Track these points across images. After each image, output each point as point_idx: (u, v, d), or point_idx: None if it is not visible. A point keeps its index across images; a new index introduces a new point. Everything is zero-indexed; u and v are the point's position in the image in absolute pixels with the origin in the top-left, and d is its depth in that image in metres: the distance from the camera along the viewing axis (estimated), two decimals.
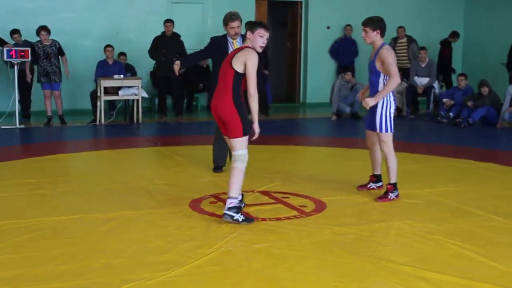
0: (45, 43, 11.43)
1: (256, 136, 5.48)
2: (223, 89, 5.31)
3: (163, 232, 5.14)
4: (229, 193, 5.34)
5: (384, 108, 6.13)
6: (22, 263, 4.39)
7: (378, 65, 6.12)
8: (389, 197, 6.19)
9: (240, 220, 5.30)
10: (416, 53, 13.15)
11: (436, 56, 14.00)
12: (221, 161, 7.34)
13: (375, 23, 6.13)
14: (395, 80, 5.99)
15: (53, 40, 11.52)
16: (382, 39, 6.17)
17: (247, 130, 5.33)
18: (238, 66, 5.22)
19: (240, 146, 5.32)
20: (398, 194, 6.23)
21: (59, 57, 11.55)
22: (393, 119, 6.21)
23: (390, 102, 6.14)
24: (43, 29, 11.38)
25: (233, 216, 5.30)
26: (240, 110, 5.28)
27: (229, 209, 5.31)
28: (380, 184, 6.57)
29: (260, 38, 5.31)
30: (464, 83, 12.27)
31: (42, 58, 11.39)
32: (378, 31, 6.12)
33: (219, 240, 4.90)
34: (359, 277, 4.19)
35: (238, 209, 5.35)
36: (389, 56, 6.04)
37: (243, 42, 6.76)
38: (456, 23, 14.49)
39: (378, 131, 6.18)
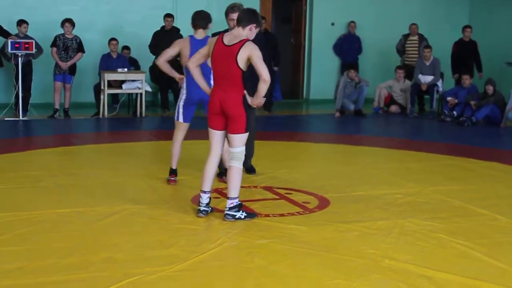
0: (67, 36, 11.48)
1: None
2: (231, 85, 5.21)
3: (166, 227, 5.13)
4: (228, 194, 5.32)
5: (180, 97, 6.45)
6: (23, 256, 4.38)
7: None
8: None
9: (243, 217, 5.28)
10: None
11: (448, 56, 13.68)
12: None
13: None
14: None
15: (76, 35, 11.55)
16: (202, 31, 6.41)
17: (248, 126, 5.33)
18: (243, 64, 5.16)
19: (239, 143, 5.29)
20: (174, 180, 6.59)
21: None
22: (183, 110, 6.42)
23: (182, 94, 6.38)
24: (67, 21, 11.46)
25: (234, 215, 5.28)
26: (246, 107, 5.26)
27: (230, 209, 5.30)
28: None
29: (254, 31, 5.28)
30: (469, 82, 12.24)
31: (61, 50, 11.42)
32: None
33: (222, 235, 4.89)
34: (362, 275, 4.17)
35: (238, 207, 5.33)
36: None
37: None
38: (461, 23, 14.44)
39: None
